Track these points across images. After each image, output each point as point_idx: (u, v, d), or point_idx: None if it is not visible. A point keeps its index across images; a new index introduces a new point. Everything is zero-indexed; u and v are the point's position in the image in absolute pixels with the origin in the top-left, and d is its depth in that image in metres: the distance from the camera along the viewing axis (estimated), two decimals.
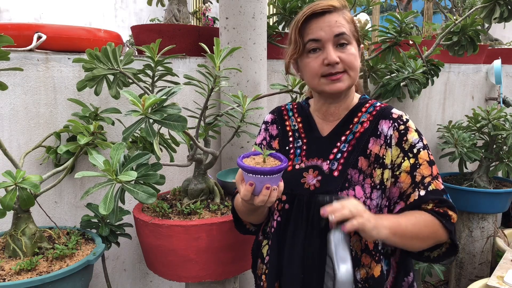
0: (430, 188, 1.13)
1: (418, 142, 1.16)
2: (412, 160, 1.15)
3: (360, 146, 1.18)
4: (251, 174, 1.03)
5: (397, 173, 1.16)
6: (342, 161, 1.18)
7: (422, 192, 1.13)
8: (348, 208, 1.03)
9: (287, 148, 1.28)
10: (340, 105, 1.25)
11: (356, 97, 1.28)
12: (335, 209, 1.03)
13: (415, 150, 1.15)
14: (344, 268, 1.01)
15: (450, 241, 1.14)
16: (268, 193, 1.04)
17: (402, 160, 1.15)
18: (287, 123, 1.33)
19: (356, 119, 1.23)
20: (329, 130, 1.25)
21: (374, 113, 1.22)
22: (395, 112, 1.21)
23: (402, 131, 1.17)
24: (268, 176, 1.03)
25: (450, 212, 1.12)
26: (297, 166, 1.23)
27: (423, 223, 1.10)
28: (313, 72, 1.17)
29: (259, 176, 1.03)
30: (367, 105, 1.25)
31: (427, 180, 1.13)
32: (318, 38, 1.15)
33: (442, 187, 1.15)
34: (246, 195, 1.06)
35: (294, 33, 1.18)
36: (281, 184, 1.09)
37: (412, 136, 1.16)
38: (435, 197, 1.12)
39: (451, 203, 1.13)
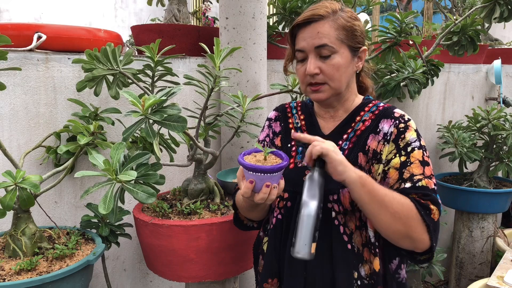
0: (419, 184, 1.10)
1: (414, 141, 1.15)
2: (403, 158, 1.14)
3: (360, 143, 1.19)
4: (251, 172, 1.04)
5: (386, 168, 1.15)
6: None
7: (408, 185, 1.11)
8: (315, 142, 1.06)
9: (289, 145, 1.29)
10: (337, 109, 1.27)
11: (358, 98, 1.29)
12: (308, 151, 1.07)
13: (409, 149, 1.14)
14: (310, 203, 1.05)
15: (429, 241, 1.08)
16: (268, 191, 1.05)
17: (393, 157, 1.15)
18: (290, 120, 1.34)
19: (358, 118, 1.24)
20: (331, 129, 1.26)
21: (376, 112, 1.23)
22: (397, 111, 1.21)
23: (401, 129, 1.17)
24: (268, 174, 1.03)
25: (432, 206, 1.08)
26: (299, 164, 1.24)
27: (398, 200, 1.07)
28: (300, 79, 1.22)
29: (259, 174, 1.03)
30: (370, 105, 1.26)
31: (417, 177, 1.11)
32: (302, 49, 1.18)
33: (434, 187, 1.12)
34: (246, 192, 1.07)
35: (288, 40, 1.23)
36: (282, 182, 1.09)
37: (410, 135, 1.16)
38: (419, 191, 1.10)
39: (436, 198, 1.10)
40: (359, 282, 1.15)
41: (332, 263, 1.16)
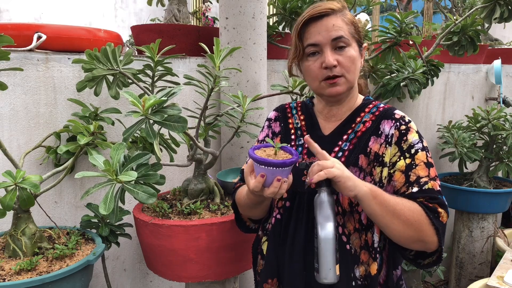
0: (425, 187, 1.11)
1: (417, 143, 1.16)
2: (408, 160, 1.14)
3: (361, 145, 1.19)
4: (263, 166, 1.04)
5: (392, 171, 1.16)
6: (343, 159, 1.18)
7: (415, 189, 1.12)
8: (317, 164, 1.06)
9: (288, 146, 1.28)
10: (342, 107, 1.26)
11: (359, 98, 1.29)
12: (310, 172, 1.07)
13: (412, 151, 1.15)
14: (326, 225, 1.05)
15: (437, 243, 1.10)
16: (279, 185, 1.05)
17: (398, 159, 1.15)
18: (290, 120, 1.33)
19: (358, 119, 1.24)
20: (331, 129, 1.26)
21: (377, 113, 1.23)
22: (398, 113, 1.21)
23: (402, 131, 1.17)
24: (279, 168, 1.04)
25: (440, 209, 1.09)
26: (298, 164, 1.23)
27: (408, 207, 1.08)
28: (313, 76, 1.19)
29: (271, 168, 1.03)
30: (371, 105, 1.26)
31: (423, 180, 1.12)
32: (316, 43, 1.16)
33: (439, 188, 1.13)
34: (257, 186, 1.06)
35: (294, 37, 1.20)
36: (291, 176, 1.09)
37: (412, 137, 1.16)
38: (426, 194, 1.11)
39: (443, 201, 1.11)
40: (353, 283, 1.16)
41: None
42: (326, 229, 1.05)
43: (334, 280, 1.05)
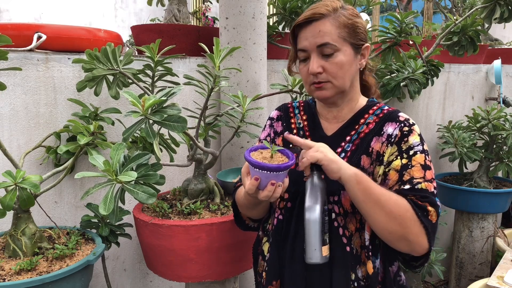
0: (418, 186, 1.10)
1: (417, 145, 1.15)
2: (404, 160, 1.13)
3: (363, 146, 1.19)
4: (257, 169, 1.04)
5: (387, 170, 1.15)
6: (345, 160, 1.18)
7: (407, 186, 1.10)
8: (301, 154, 1.09)
9: (290, 145, 1.28)
10: (341, 109, 1.25)
11: (362, 100, 1.28)
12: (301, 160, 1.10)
13: (411, 152, 1.14)
14: (313, 208, 1.07)
15: (427, 244, 1.08)
16: (273, 189, 1.05)
17: (395, 158, 1.14)
18: (292, 120, 1.33)
19: (362, 120, 1.23)
20: (334, 130, 1.25)
21: (381, 115, 1.22)
22: (402, 115, 1.21)
23: (405, 132, 1.16)
24: (274, 172, 1.03)
25: (430, 208, 1.07)
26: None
27: (394, 200, 1.06)
28: (304, 79, 1.22)
29: (265, 172, 1.03)
30: (375, 107, 1.25)
31: (416, 180, 1.11)
32: (304, 49, 1.17)
33: (433, 190, 1.11)
34: (251, 189, 1.07)
35: (290, 40, 1.22)
36: (286, 180, 1.10)
37: (413, 139, 1.15)
38: (418, 193, 1.09)
39: (434, 200, 1.09)
40: (355, 284, 1.15)
41: (330, 264, 1.16)
42: (313, 211, 1.06)
43: (319, 260, 1.07)
